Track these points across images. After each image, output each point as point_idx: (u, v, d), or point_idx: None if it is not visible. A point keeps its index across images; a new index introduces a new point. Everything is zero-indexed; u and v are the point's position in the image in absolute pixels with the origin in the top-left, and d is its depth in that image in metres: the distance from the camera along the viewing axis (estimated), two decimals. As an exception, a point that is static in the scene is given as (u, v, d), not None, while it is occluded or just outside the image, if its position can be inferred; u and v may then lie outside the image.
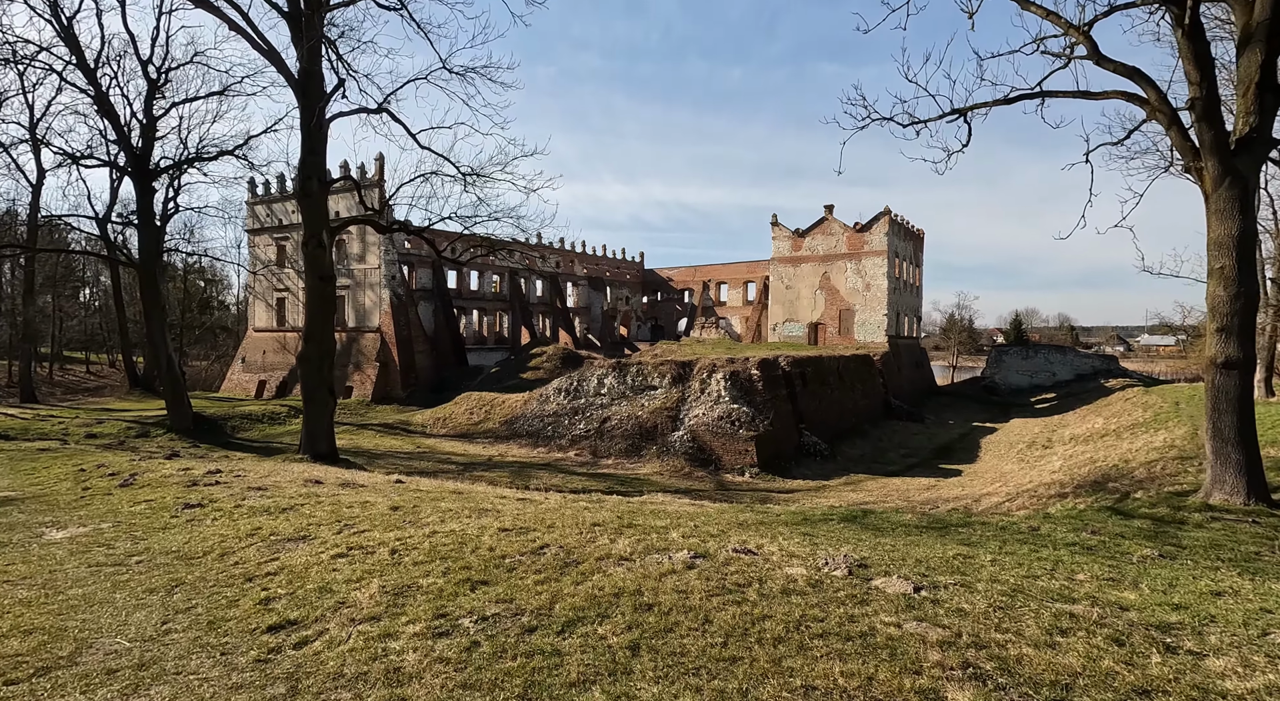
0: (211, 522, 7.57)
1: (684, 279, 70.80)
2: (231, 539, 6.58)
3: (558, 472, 23.91)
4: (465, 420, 33.01)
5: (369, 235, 41.10)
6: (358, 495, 9.86)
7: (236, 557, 5.86)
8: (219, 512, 8.19)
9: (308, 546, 6.06)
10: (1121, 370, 52.02)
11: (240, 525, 7.26)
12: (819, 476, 24.64)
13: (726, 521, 7.39)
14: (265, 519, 7.66)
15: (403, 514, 7.83)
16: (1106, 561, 5.61)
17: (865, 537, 6.48)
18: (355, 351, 41.30)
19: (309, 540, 6.37)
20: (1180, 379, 46.73)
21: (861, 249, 48.37)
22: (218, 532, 6.91)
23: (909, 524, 7.50)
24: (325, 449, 18.33)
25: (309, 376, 18.19)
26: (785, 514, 8.30)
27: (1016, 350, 56.75)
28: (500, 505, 8.73)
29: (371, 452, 27.15)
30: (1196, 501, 8.73)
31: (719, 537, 6.20)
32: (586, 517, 7.33)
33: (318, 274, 18.30)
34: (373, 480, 12.85)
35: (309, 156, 17.91)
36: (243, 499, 9.38)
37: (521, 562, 5.24)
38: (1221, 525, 7.68)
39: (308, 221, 18.21)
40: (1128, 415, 29.74)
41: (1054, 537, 6.66)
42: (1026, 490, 19.06)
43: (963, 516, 8.58)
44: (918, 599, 4.18)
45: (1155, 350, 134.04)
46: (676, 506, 9.33)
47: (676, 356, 35.85)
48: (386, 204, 19.46)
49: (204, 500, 9.26)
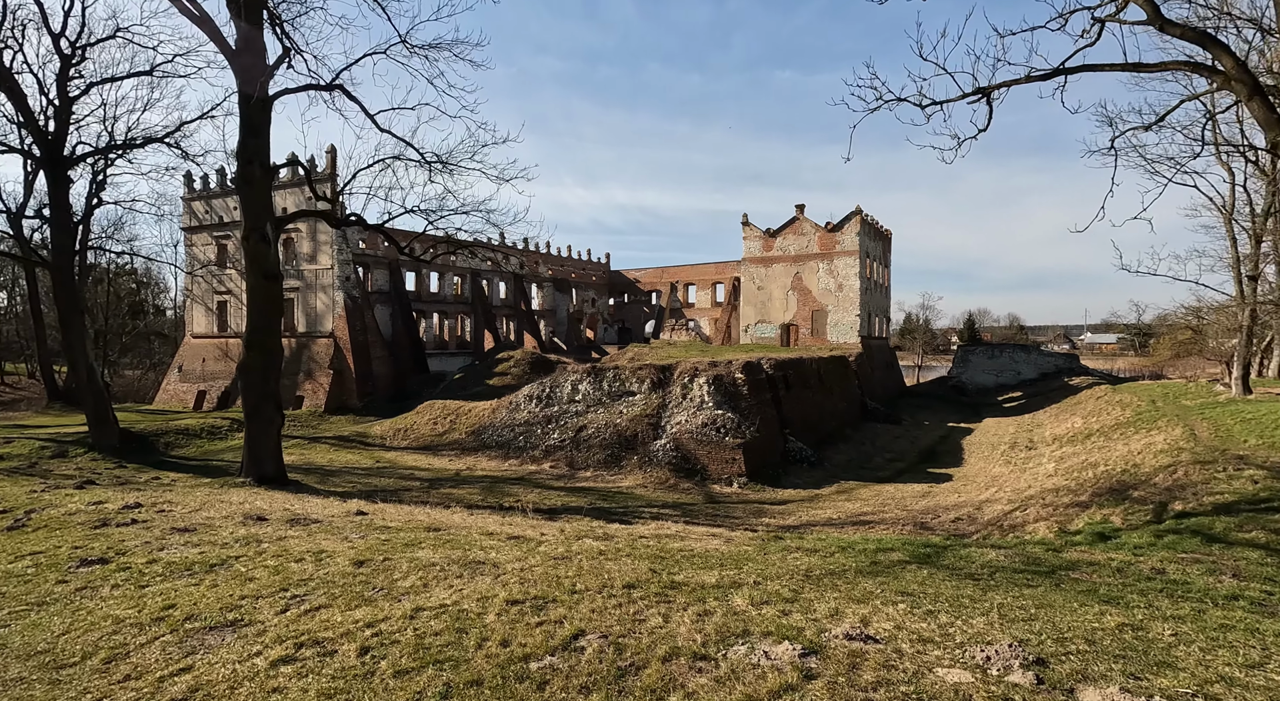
0: (110, 593, 5.68)
1: (651, 280, 69.53)
2: (130, 626, 4.75)
3: (533, 487, 22.12)
4: (429, 431, 30.82)
5: (320, 233, 38.36)
6: (311, 539, 8.02)
7: (130, 665, 4.07)
8: (124, 574, 6.28)
9: (239, 643, 4.30)
10: (1084, 368, 53.04)
11: (149, 598, 5.41)
12: (810, 485, 23.51)
13: (787, 571, 5.91)
14: (186, 585, 5.82)
15: (370, 572, 6.09)
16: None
17: (974, 594, 5.09)
18: (306, 359, 38.45)
19: (242, 628, 4.60)
20: (1143, 376, 47.79)
21: (833, 249, 47.92)
22: (113, 613, 5.06)
23: (1001, 565, 6.17)
24: (271, 471, 16.15)
25: (252, 388, 16.00)
26: (847, 554, 6.87)
27: (982, 350, 57.37)
28: (492, 550, 7.05)
29: (325, 469, 24.79)
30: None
31: (800, 604, 4.72)
32: (611, 572, 5.74)
33: (262, 272, 16.14)
34: (328, 511, 10.93)
35: (250, 139, 15.76)
36: (161, 548, 7.45)
37: (554, 670, 3.63)
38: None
39: (249, 212, 16.04)
40: (1106, 414, 29.69)
41: (1197, 586, 5.41)
42: (1030, 497, 18.28)
43: (1044, 548, 7.32)
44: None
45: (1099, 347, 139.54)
46: (705, 544, 7.81)
47: (652, 360, 34.40)
48: (340, 194, 17.39)
49: (110, 552, 7.29)
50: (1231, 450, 15.52)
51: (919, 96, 13.20)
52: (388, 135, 16.67)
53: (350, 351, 37.21)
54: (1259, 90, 8.01)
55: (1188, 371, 43.74)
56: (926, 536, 14.87)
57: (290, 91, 15.90)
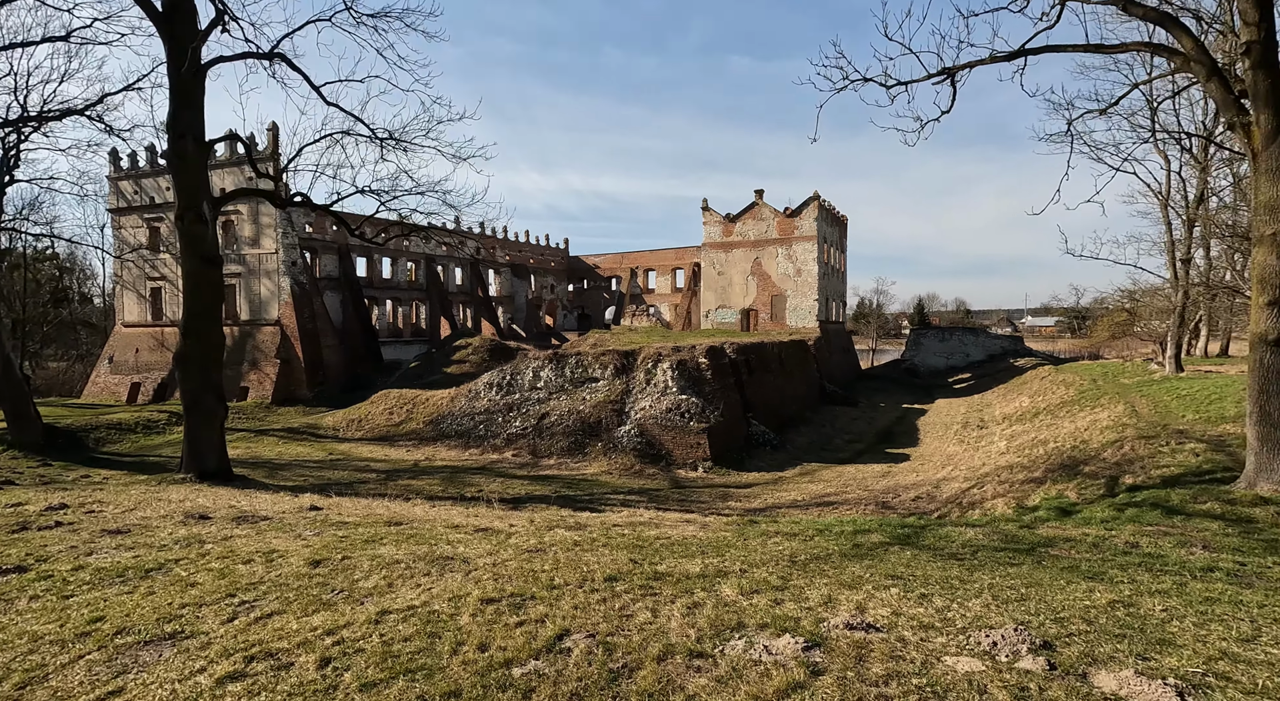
0: (28, 605, 5.08)
1: (611, 266, 68.94)
2: (50, 644, 4.21)
3: (496, 476, 21.61)
4: (384, 421, 29.81)
5: (263, 216, 36.43)
6: (260, 538, 7.46)
7: (49, 690, 3.57)
8: (45, 583, 5.65)
9: (179, 658, 3.84)
10: (1028, 350, 55.23)
11: (73, 610, 4.85)
12: (773, 467, 23.72)
13: (772, 557, 5.73)
14: (118, 593, 5.26)
15: (328, 572, 5.64)
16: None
17: (962, 575, 5.02)
18: (251, 348, 36.64)
19: (183, 640, 4.13)
20: (1082, 356, 50.08)
21: (792, 234, 48.34)
22: (30, 629, 4.49)
23: (981, 544, 6.15)
24: (214, 465, 15.22)
25: (191, 379, 14.98)
26: (826, 537, 6.76)
27: (934, 333, 59.10)
28: (460, 544, 6.67)
29: (274, 463, 23.69)
30: (1244, 493, 8.00)
31: (791, 592, 4.53)
32: (590, 564, 5.46)
33: (199, 255, 15.07)
34: (278, 507, 10.29)
35: (181, 111, 14.61)
36: (90, 552, 6.79)
37: (539, 676, 3.32)
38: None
39: (182, 191, 14.92)
40: (1051, 393, 30.92)
41: (1172, 559, 5.47)
42: (985, 474, 18.83)
43: (1017, 525, 7.38)
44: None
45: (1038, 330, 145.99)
46: (681, 531, 7.60)
47: (615, 345, 34.07)
48: (283, 172, 16.33)
49: (29, 559, 6.59)
50: (1172, 425, 16.27)
51: (884, 77, 13.16)
52: (335, 109, 15.74)
53: (298, 340, 35.62)
54: (1216, 71, 8.16)
55: (1123, 352, 46.05)
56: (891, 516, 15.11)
57: (226, 59, 14.78)
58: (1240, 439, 13.53)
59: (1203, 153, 25.08)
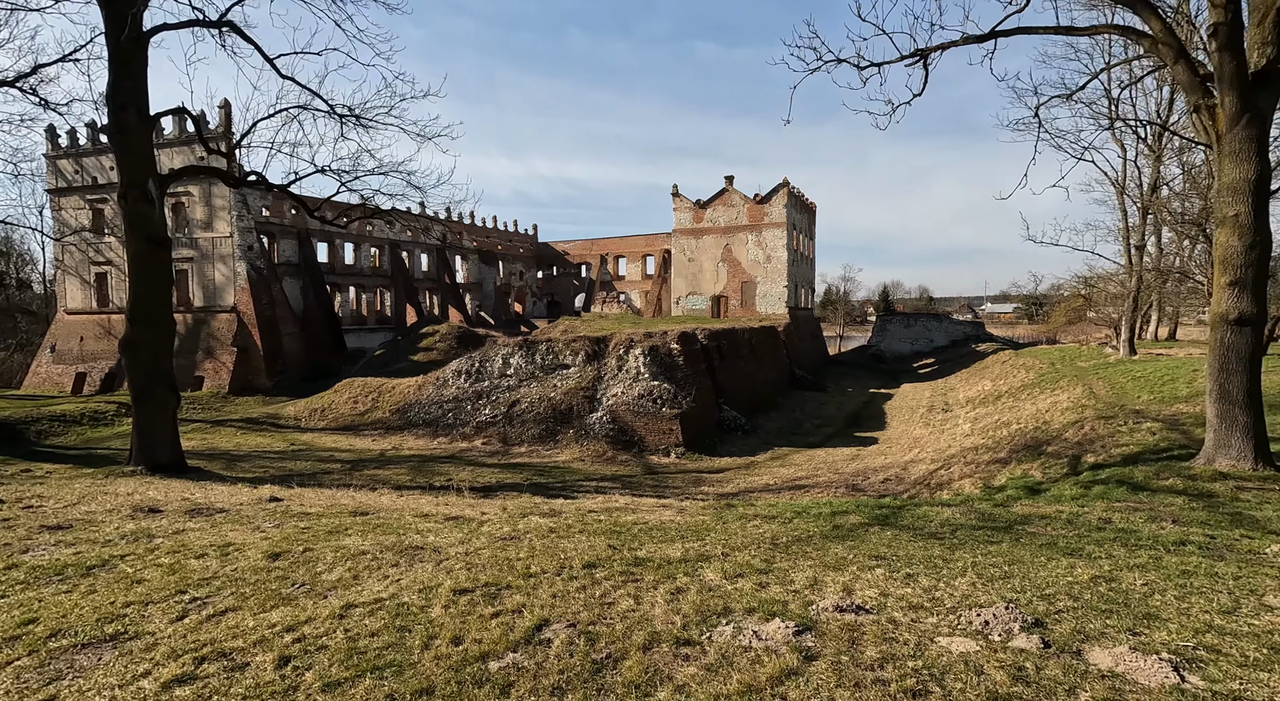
0: (-46, 608, 4.66)
1: (580, 253, 68.28)
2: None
3: (465, 465, 21.22)
4: (348, 410, 29.01)
5: (216, 197, 34.88)
6: (215, 531, 7.07)
7: (-28, 701, 3.23)
8: (-26, 585, 5.22)
9: (121, 662, 3.53)
10: (989, 335, 56.70)
11: (4, 612, 4.46)
12: (745, 452, 23.83)
13: (752, 540, 5.62)
14: (54, 593, 4.87)
15: (288, 565, 5.33)
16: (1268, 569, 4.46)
17: (944, 554, 4.98)
18: (205, 336, 35.22)
19: (126, 642, 3.81)
20: (1040, 341, 51.63)
21: (762, 221, 48.46)
22: (-46, 635, 4.10)
23: (959, 523, 6.16)
24: (167, 457, 14.54)
25: (139, 366, 14.22)
26: (805, 519, 6.69)
27: (899, 319, 60.19)
28: (430, 534, 6.41)
29: (232, 454, 22.85)
30: (1203, 469, 8.23)
31: (776, 575, 4.42)
32: (567, 551, 5.27)
33: (145, 236, 14.25)
34: (236, 499, 9.84)
35: (122, 81, 13.72)
36: (25, 550, 6.33)
37: (519, 669, 3.13)
38: (1256, 494, 7.07)
39: (126, 167, 14.06)
40: (1012, 377, 31.76)
41: (1144, 534, 5.53)
42: (952, 456, 19.22)
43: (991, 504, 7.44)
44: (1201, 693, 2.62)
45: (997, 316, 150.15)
46: (658, 516, 7.46)
47: (586, 332, 33.74)
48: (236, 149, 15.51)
49: (-43, 559, 6.10)
50: (1129, 405, 16.79)
51: (857, 58, 13.08)
52: (291, 83, 14.96)
53: (256, 327, 34.36)
54: (1184, 53, 8.25)
55: (1079, 336, 47.59)
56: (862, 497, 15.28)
57: (170, 27, 13.90)
58: (1193, 418, 14.02)
59: (1157, 141, 25.83)
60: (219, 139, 31.54)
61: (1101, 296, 33.84)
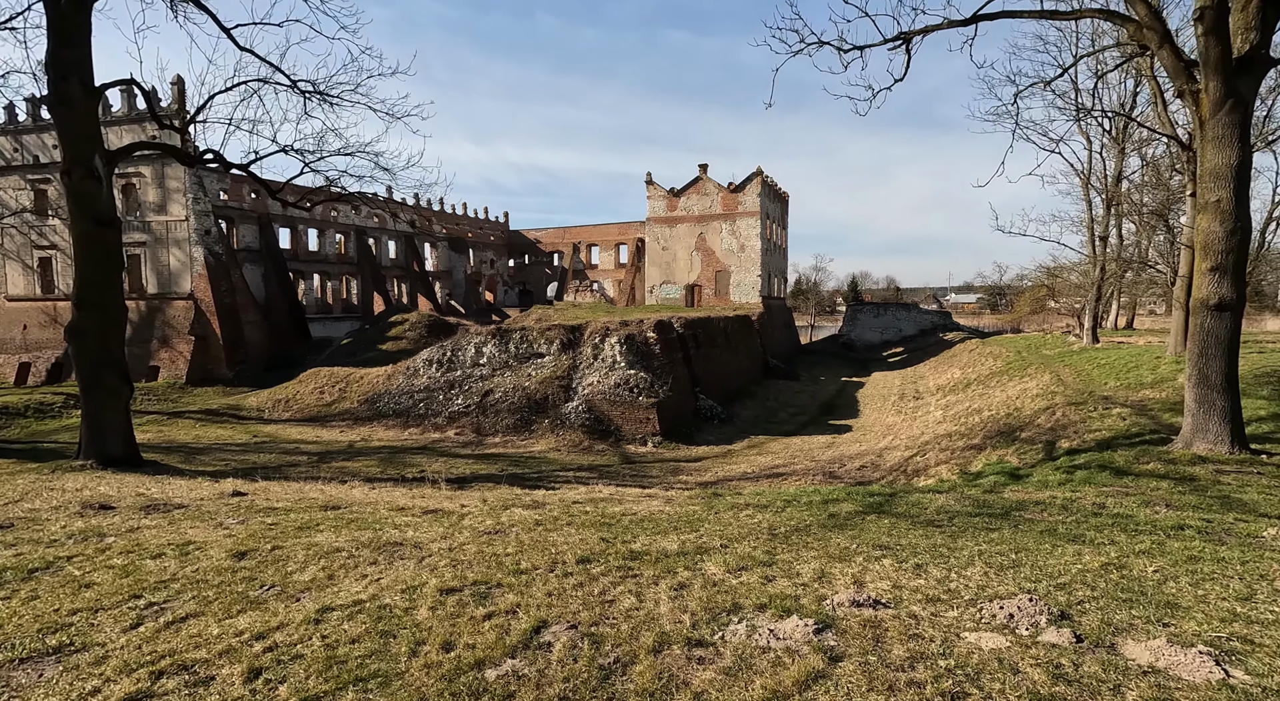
0: (-128, 621, 4.17)
1: (552, 241, 67.41)
2: (-104, 669, 3.41)
3: (438, 456, 20.71)
4: (314, 400, 28.11)
5: (170, 179, 33.27)
6: (173, 528, 6.61)
7: (-112, 731, 2.83)
8: (-101, 593, 4.71)
9: (65, 678, 3.15)
10: (956, 325, 57.85)
11: (-69, 624, 4.00)
12: (722, 441, 23.81)
13: (749, 530, 5.43)
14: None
15: (256, 565, 4.95)
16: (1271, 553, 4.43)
17: (948, 543, 4.86)
18: (160, 323, 33.71)
19: (72, 655, 3.42)
20: (1005, 330, 52.85)
21: (736, 210, 48.40)
22: (-128, 651, 3.65)
23: (955, 510, 6.06)
24: (119, 450, 13.76)
25: (87, 355, 13.40)
26: (798, 508, 6.54)
27: (869, 309, 60.99)
28: (409, 528, 6.07)
29: (191, 447, 21.92)
30: (1182, 453, 8.34)
31: (781, 568, 4.23)
32: (557, 545, 5.00)
33: (92, 216, 13.37)
34: (196, 494, 9.30)
35: (62, 48, 12.78)
36: (-39, 553, 5.79)
37: (519, 678, 2.86)
38: (1237, 477, 7.16)
39: (69, 141, 13.14)
40: (980, 365, 32.40)
41: (1140, 519, 5.51)
42: (926, 443, 19.46)
43: (981, 490, 7.40)
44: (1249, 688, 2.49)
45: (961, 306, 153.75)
46: (646, 506, 7.23)
47: (560, 320, 33.28)
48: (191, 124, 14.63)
49: (-119, 564, 5.54)
50: (1097, 392, 17.18)
51: (840, 41, 12.94)
52: (250, 56, 14.15)
53: (215, 315, 33.01)
54: (1169, 38, 8.26)
55: (1042, 325, 48.85)
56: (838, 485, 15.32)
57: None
58: (1159, 403, 14.38)
59: (1121, 133, 26.39)
60: (172, 116, 30.02)
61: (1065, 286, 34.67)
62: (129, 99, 32.86)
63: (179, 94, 31.25)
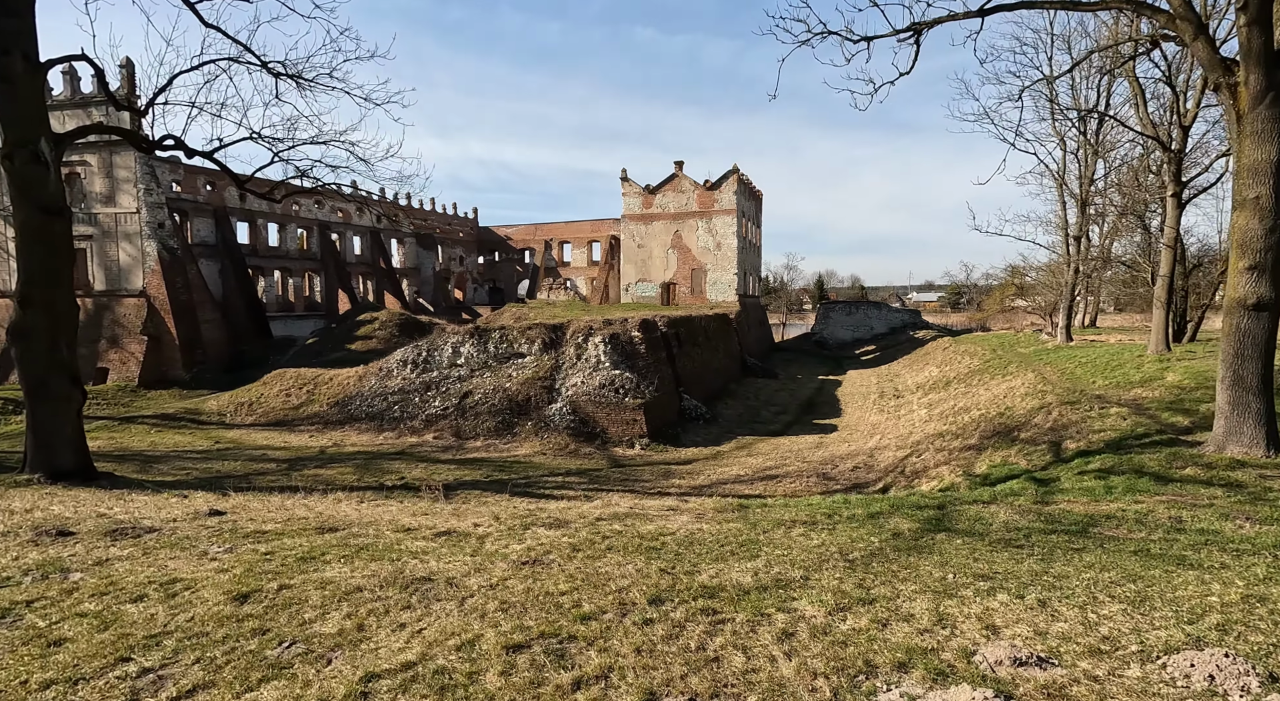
0: None
1: (524, 238, 66.20)
2: None
3: (418, 462, 19.76)
4: (280, 404, 26.69)
5: (119, 168, 31.21)
6: (150, 560, 5.77)
7: None
8: None
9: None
10: (925, 323, 58.84)
11: None
12: (709, 442, 23.40)
13: (816, 556, 4.93)
14: (-65, 668, 3.60)
15: (264, 611, 4.22)
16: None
17: (1044, 569, 4.45)
18: (110, 322, 31.64)
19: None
20: (974, 329, 53.93)
21: (712, 207, 48.15)
22: None
23: (1027, 527, 5.68)
24: (70, 462, 12.54)
25: (34, 358, 12.16)
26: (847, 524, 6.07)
27: (841, 307, 61.59)
28: (430, 557, 5.38)
29: (147, 455, 20.45)
30: (1216, 456, 8.20)
31: (885, 606, 3.73)
32: (615, 580, 4.40)
33: (38, 204, 12.12)
34: (166, 513, 8.37)
35: (2, 18, 11.52)
36: (-108, 599, 4.88)
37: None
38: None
39: (10, 122, 11.87)
40: (957, 363, 32.77)
41: (1230, 536, 5.20)
42: (918, 442, 19.39)
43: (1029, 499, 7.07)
44: None
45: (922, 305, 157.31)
46: (676, 523, 6.68)
47: (540, 319, 32.42)
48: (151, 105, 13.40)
49: None
50: (1087, 391, 17.31)
51: (847, 31, 12.59)
52: (216, 33, 13.04)
53: (170, 313, 31.13)
54: (1203, 29, 8.09)
55: (1008, 324, 49.99)
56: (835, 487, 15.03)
57: (65, -43, 11.77)
58: (1155, 402, 14.48)
59: (1097, 135, 26.92)
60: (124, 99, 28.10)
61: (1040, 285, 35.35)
62: (72, 82, 30.72)
63: (128, 78, 29.29)
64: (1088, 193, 27.49)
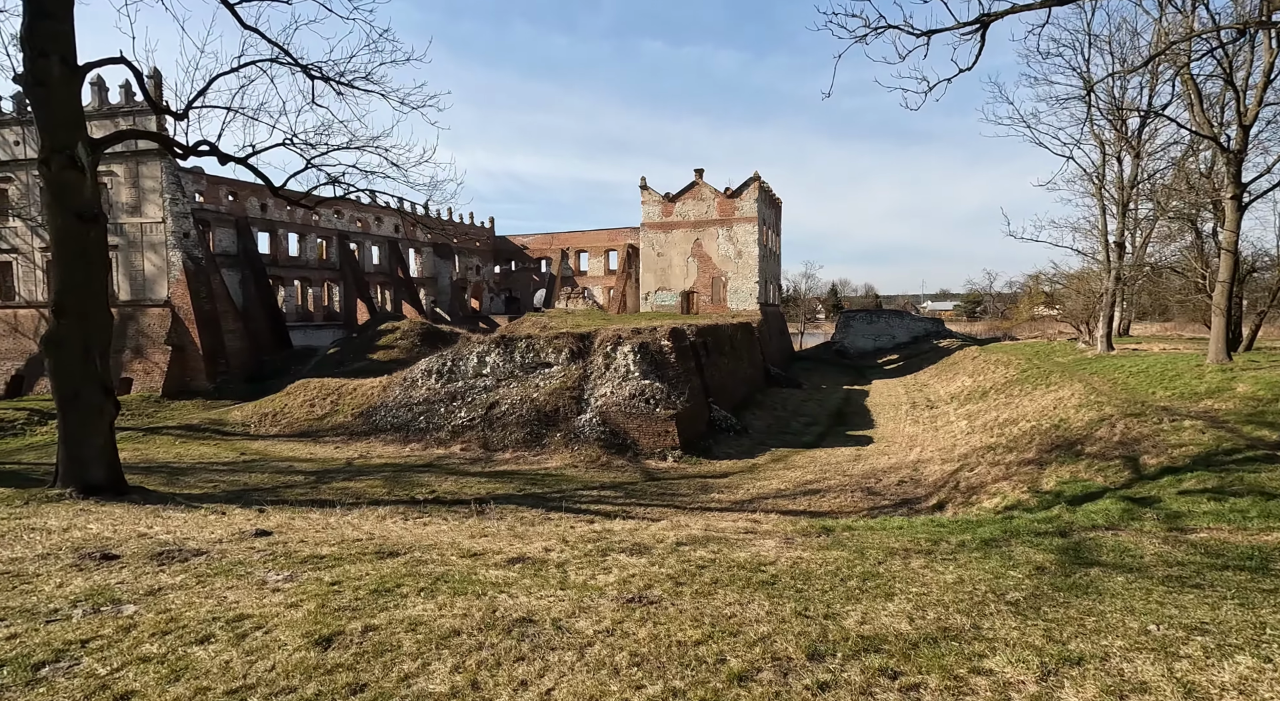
0: None
1: (540, 247, 66.03)
2: None
3: (447, 474, 19.27)
4: (304, 414, 26.37)
5: (145, 178, 31.24)
6: (206, 589, 5.28)
7: None
8: None
9: None
10: (949, 332, 57.85)
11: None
12: (742, 454, 22.74)
13: (969, 599, 4.33)
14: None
15: (353, 659, 3.68)
16: None
17: (1249, 618, 3.82)
18: (134, 333, 31.57)
19: None
20: (1000, 337, 52.91)
21: (732, 215, 47.68)
22: None
23: (1184, 559, 5.06)
24: (102, 476, 12.15)
25: (67, 370, 11.81)
26: (984, 560, 5.45)
27: (862, 316, 60.75)
28: (517, 590, 4.84)
29: (173, 467, 20.16)
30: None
31: (1102, 667, 3.14)
32: (749, 626, 3.83)
33: (74, 211, 11.82)
34: (209, 533, 7.91)
35: (41, 21, 11.27)
36: (-69, 636, 4.40)
37: None
38: None
39: (48, 126, 11.60)
40: (991, 373, 31.91)
41: None
42: (965, 455, 18.63)
43: (1165, 527, 6.42)
44: None
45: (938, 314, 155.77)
46: (767, 547, 6.10)
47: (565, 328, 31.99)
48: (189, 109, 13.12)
49: None
50: (1149, 403, 16.51)
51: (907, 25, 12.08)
52: (255, 34, 12.75)
53: (195, 323, 31.01)
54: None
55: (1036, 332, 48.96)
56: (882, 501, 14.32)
57: (105, -41, 11.53)
58: (1233, 414, 13.67)
59: (1137, 137, 26.19)
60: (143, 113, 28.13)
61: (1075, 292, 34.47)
62: (100, 92, 30.86)
63: (156, 88, 29.31)
64: (1129, 196, 26.71)
